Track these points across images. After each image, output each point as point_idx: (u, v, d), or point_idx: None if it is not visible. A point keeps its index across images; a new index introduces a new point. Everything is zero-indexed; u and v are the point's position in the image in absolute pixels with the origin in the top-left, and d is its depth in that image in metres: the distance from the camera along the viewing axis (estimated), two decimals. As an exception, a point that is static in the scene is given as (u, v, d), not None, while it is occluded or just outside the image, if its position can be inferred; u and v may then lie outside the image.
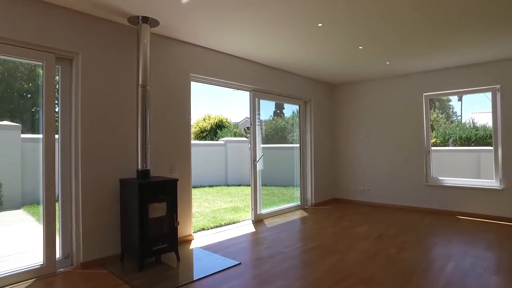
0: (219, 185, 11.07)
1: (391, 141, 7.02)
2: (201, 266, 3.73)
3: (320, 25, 4.09)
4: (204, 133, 17.38)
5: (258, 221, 5.82)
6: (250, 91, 5.78)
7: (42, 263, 3.44)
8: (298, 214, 6.41)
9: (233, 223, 5.78)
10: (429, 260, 3.86)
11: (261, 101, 6.02)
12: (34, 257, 3.55)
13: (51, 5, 3.42)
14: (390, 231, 5.13)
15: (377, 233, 4.99)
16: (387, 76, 6.98)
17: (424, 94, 6.62)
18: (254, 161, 5.78)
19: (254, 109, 5.81)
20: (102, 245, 3.76)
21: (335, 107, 7.93)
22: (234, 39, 4.59)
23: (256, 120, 5.84)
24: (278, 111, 13.76)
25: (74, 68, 3.68)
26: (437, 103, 8.51)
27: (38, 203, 7.13)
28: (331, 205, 7.29)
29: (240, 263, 3.77)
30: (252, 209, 5.80)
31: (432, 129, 7.63)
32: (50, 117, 3.49)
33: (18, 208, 7.06)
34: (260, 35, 4.41)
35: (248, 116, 5.77)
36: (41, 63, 3.44)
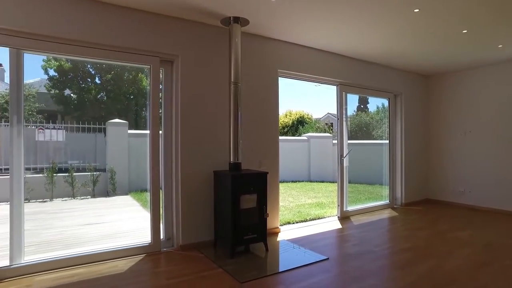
0: (302, 181, 11.07)
1: (499, 137, 6.15)
2: (288, 258, 3.81)
3: (416, 10, 3.78)
4: (286, 129, 17.53)
5: (344, 218, 5.68)
6: (337, 85, 5.64)
7: (150, 242, 3.90)
8: (386, 213, 6.07)
9: (318, 218, 5.75)
10: (552, 274, 3.31)
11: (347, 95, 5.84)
12: (142, 236, 4.04)
13: (154, 14, 3.83)
14: (501, 239, 4.52)
15: (485, 240, 4.44)
16: (497, 61, 6.12)
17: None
18: (341, 156, 5.64)
19: (341, 103, 5.67)
20: (198, 231, 4.10)
21: (428, 100, 7.25)
22: (322, 33, 4.53)
23: (343, 114, 5.68)
24: (362, 106, 13.14)
25: (174, 69, 4.07)
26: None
27: (141, 191, 8.11)
28: (423, 205, 6.72)
29: (328, 258, 3.75)
30: (338, 205, 5.69)
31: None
32: (156, 115, 3.91)
33: (126, 194, 8.14)
34: (349, 25, 4.27)
35: (330, 112, 5.68)
36: (149, 66, 3.88)
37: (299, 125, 18.44)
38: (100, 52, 3.61)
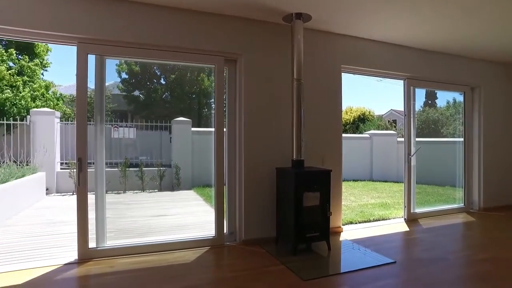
0: (364, 180, 10.66)
1: None
2: (351, 259, 3.70)
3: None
4: (346, 126, 17.00)
5: (411, 220, 5.35)
6: (404, 79, 5.32)
7: (214, 235, 4.06)
8: (461, 218, 5.57)
9: (383, 219, 5.49)
10: None
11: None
12: (206, 229, 4.21)
13: (218, 15, 3.95)
14: None
15: None
16: None
17: None
18: (408, 155, 5.31)
19: (409, 98, 5.32)
20: (260, 227, 4.16)
21: (514, 93, 6.47)
22: (388, 24, 4.30)
23: (411, 111, 5.34)
24: (430, 101, 12.20)
25: (238, 67, 4.16)
26: None
27: (203, 186, 8.47)
28: (507, 212, 6.03)
29: (395, 262, 3.55)
30: (405, 206, 5.36)
31: None
32: (220, 113, 4.03)
33: (190, 189, 8.56)
34: (418, 13, 3.98)
35: (394, 108, 5.33)
36: (213, 66, 4.02)
37: (359, 122, 17.75)
38: (169, 54, 3.83)
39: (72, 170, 8.12)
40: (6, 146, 7.48)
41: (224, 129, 4.12)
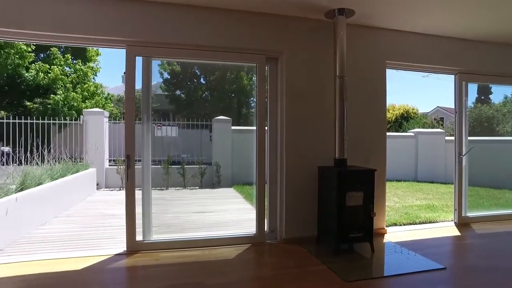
0: (408, 180, 10.19)
1: None
2: (395, 262, 3.56)
3: None
4: (388, 125, 16.37)
5: (462, 224, 5.02)
6: (455, 74, 5.00)
7: (254, 233, 4.08)
8: (521, 224, 5.14)
9: (430, 222, 5.22)
10: None
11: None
12: (247, 227, 4.26)
13: (259, 13, 3.95)
14: None
15: None
16: None
17: None
18: (459, 155, 5.00)
19: (461, 94, 4.99)
20: (301, 226, 4.12)
21: None
22: (435, 16, 4.07)
23: (463, 107, 5.01)
24: (483, 97, 11.36)
25: (279, 65, 4.15)
26: None
27: (242, 184, 8.56)
28: None
29: (445, 268, 3.35)
30: (455, 209, 5.05)
31: None
32: (262, 111, 4.05)
33: (230, 186, 8.70)
34: (467, 2, 3.72)
35: (440, 105, 5.02)
36: (255, 64, 4.04)
37: (403, 120, 17.00)
38: (211, 53, 3.91)
39: (119, 166, 8.57)
40: (62, 144, 8.07)
41: (266, 128, 4.13)
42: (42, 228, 4.82)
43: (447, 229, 4.81)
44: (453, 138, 5.17)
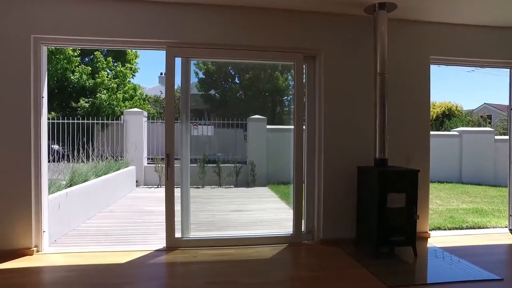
0: (451, 182, 9.66)
1: None
2: (441, 269, 3.38)
3: None
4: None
5: (517, 230, 4.66)
6: (511, 68, 4.63)
7: (291, 232, 4.05)
8: None
9: (478, 227, 4.90)
10: None
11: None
12: (283, 226, 4.23)
13: (296, 11, 3.90)
14: None
15: None
16: None
17: None
18: (512, 155, 4.64)
19: (515, 90, 4.64)
20: (339, 227, 4.03)
21: None
22: (485, 4, 3.79)
23: (517, 104, 4.65)
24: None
25: (317, 64, 4.08)
26: None
27: (277, 183, 8.54)
28: None
29: (502, 279, 3.07)
30: (510, 215, 4.68)
31: None
32: (300, 110, 4.00)
33: (264, 185, 8.70)
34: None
35: (487, 102, 4.66)
36: (292, 63, 3.99)
37: (444, 118, 16.16)
38: (248, 52, 3.92)
39: (157, 165, 8.86)
40: (105, 142, 8.48)
41: (304, 127, 4.08)
42: (89, 222, 5.10)
43: (501, 236, 4.47)
44: (504, 137, 4.81)
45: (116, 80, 13.23)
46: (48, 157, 6.48)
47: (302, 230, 4.11)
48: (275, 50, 3.95)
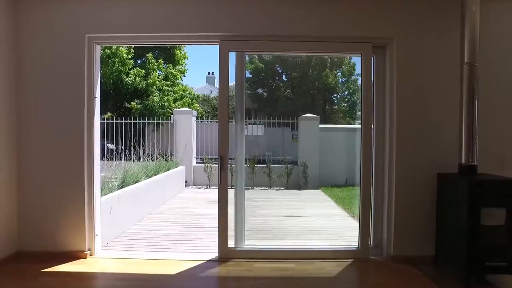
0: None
1: None
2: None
3: None
4: None
5: None
6: None
7: (357, 247, 3.57)
8: None
9: None
10: None
11: None
12: (343, 236, 3.76)
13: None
14: None
15: None
16: None
17: None
18: None
19: None
20: (413, 242, 3.48)
21: None
22: None
23: None
24: None
25: (388, 54, 3.55)
26: None
27: (331, 186, 8.01)
28: None
29: None
30: None
31: None
32: (368, 108, 3.52)
33: (317, 188, 8.21)
34: None
35: None
36: (359, 55, 3.51)
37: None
38: (307, 44, 3.55)
39: (206, 165, 8.74)
40: (155, 142, 8.56)
41: (372, 126, 3.59)
42: (140, 225, 5.01)
43: None
44: None
45: (167, 82, 13.57)
46: (103, 156, 6.70)
47: (369, 243, 3.61)
48: (339, 41, 3.50)
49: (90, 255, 3.49)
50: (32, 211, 3.45)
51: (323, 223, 5.38)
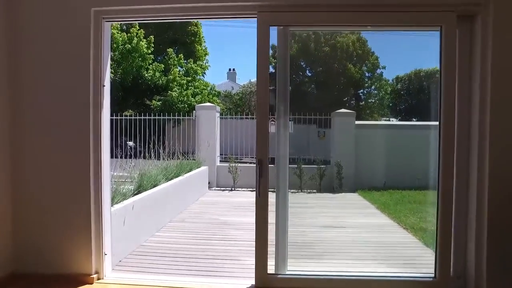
0: None
1: None
2: None
3: None
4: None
5: None
6: None
7: (433, 275, 2.76)
8: None
9: None
10: None
11: None
12: (402, 256, 2.99)
13: None
14: None
15: None
16: None
17: None
18: None
19: None
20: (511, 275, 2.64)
21: None
22: None
23: None
24: None
25: (476, 27, 2.70)
26: None
27: (369, 189, 7.15)
28: None
29: None
30: None
31: None
32: (451, 97, 2.68)
33: (353, 191, 7.35)
34: None
35: None
36: (438, 28, 2.68)
37: None
38: (372, 15, 2.70)
39: (231, 165, 8.06)
40: (176, 139, 7.96)
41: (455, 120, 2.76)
42: (158, 236, 4.36)
43: None
44: None
45: (188, 77, 13.18)
46: (124, 154, 6.17)
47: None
48: (411, 10, 2.68)
49: (98, 279, 2.85)
50: (30, 226, 2.87)
51: (371, 236, 4.57)
